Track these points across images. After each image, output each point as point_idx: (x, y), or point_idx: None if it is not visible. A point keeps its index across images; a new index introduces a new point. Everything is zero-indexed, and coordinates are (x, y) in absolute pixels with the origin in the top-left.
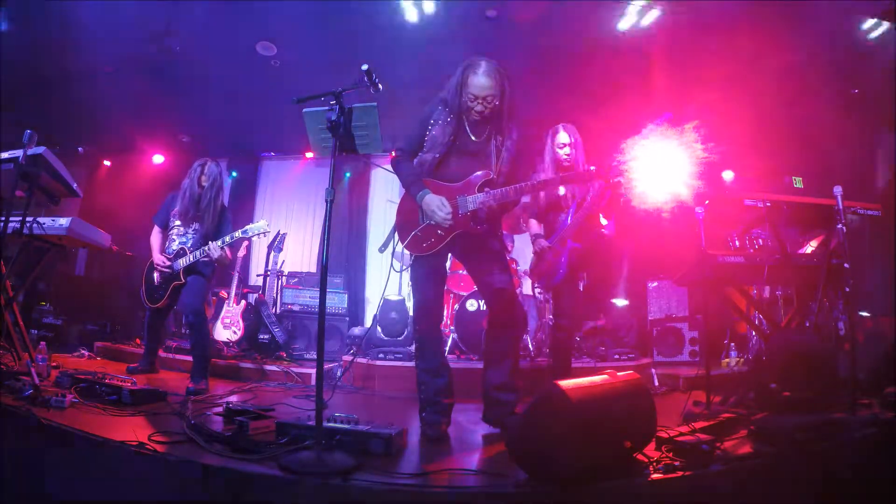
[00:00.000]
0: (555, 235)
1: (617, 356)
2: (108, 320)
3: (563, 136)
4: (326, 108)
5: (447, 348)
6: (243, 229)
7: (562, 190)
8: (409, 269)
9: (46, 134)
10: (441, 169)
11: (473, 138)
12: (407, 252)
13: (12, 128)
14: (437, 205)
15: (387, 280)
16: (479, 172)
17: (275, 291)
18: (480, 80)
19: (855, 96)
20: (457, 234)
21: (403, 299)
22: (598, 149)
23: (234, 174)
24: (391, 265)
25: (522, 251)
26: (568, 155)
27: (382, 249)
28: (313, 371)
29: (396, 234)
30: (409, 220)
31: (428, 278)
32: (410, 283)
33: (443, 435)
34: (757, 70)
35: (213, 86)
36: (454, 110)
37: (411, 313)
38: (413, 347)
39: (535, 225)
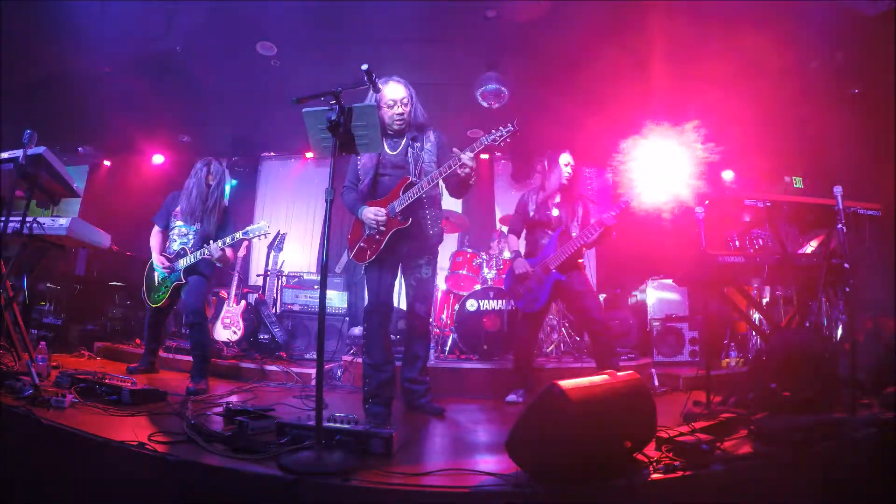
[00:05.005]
0: (538, 259)
1: None
2: (108, 320)
3: (566, 157)
4: (326, 107)
5: (447, 348)
6: (244, 230)
7: (555, 212)
8: (363, 275)
9: (46, 134)
10: (376, 189)
11: (392, 153)
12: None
13: (12, 128)
14: (372, 213)
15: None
16: (401, 181)
17: (275, 291)
18: (392, 87)
19: (855, 96)
20: (391, 234)
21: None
22: (597, 149)
23: (234, 182)
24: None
25: None
26: (569, 174)
27: (339, 269)
28: (313, 371)
29: (347, 252)
30: (356, 238)
31: (376, 281)
32: (366, 286)
33: (386, 423)
34: (757, 70)
35: (213, 86)
36: None
37: (405, 311)
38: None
39: (514, 241)
